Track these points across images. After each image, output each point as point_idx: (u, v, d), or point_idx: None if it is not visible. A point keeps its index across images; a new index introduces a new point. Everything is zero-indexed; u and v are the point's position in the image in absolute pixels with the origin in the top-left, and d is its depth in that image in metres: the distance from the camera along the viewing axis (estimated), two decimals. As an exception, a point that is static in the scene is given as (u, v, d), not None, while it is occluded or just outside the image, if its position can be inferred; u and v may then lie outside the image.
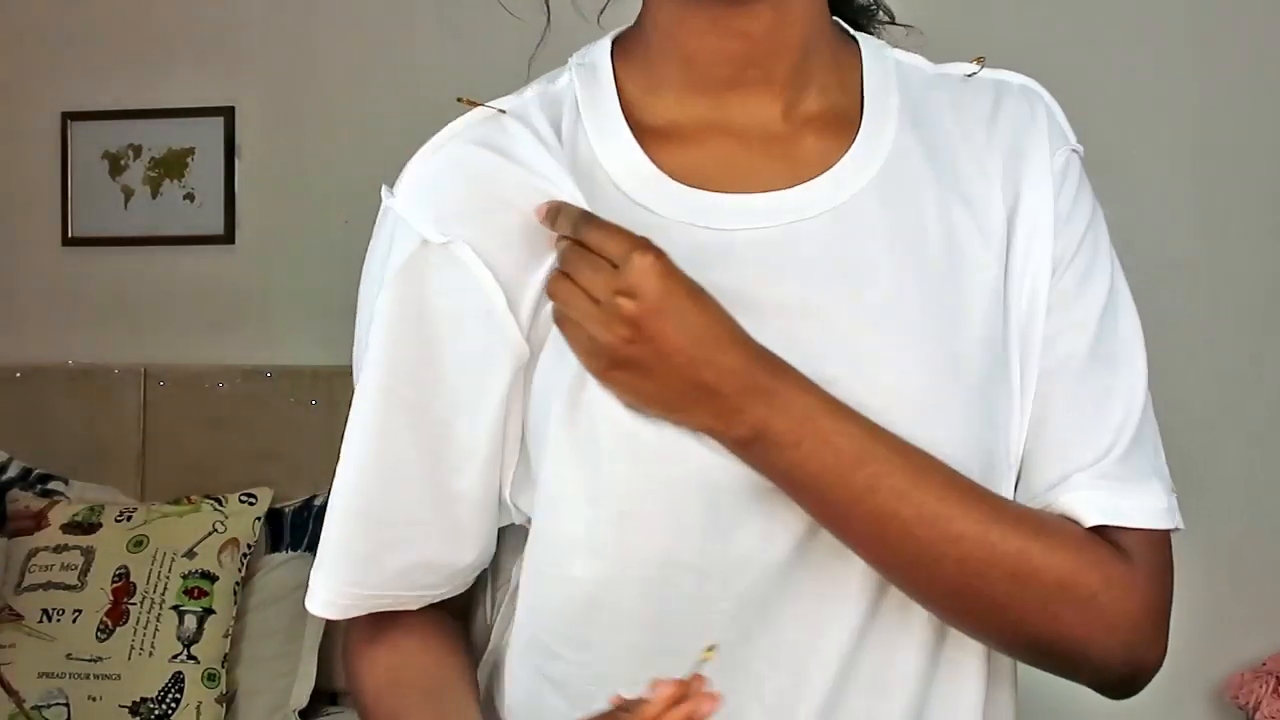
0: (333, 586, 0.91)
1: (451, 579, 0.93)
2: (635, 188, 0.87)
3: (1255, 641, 2.52)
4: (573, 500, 0.85)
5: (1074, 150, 0.91)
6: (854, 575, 0.84)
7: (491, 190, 0.86)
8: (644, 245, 0.79)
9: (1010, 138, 0.90)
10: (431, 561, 0.91)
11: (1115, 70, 2.56)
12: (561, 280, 0.82)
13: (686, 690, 0.72)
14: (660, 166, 0.88)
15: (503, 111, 0.89)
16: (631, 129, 0.89)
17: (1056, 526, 0.85)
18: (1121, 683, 0.87)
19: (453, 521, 0.89)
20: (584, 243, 0.81)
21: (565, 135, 0.89)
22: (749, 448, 0.81)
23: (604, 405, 0.82)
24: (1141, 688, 0.88)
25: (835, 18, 0.95)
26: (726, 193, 0.87)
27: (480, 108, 0.89)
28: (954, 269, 0.87)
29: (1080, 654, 0.84)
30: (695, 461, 0.82)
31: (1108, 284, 0.89)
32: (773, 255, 0.85)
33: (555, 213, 0.83)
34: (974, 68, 0.94)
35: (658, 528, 0.83)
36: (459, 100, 0.89)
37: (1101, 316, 0.88)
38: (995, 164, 0.89)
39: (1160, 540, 0.87)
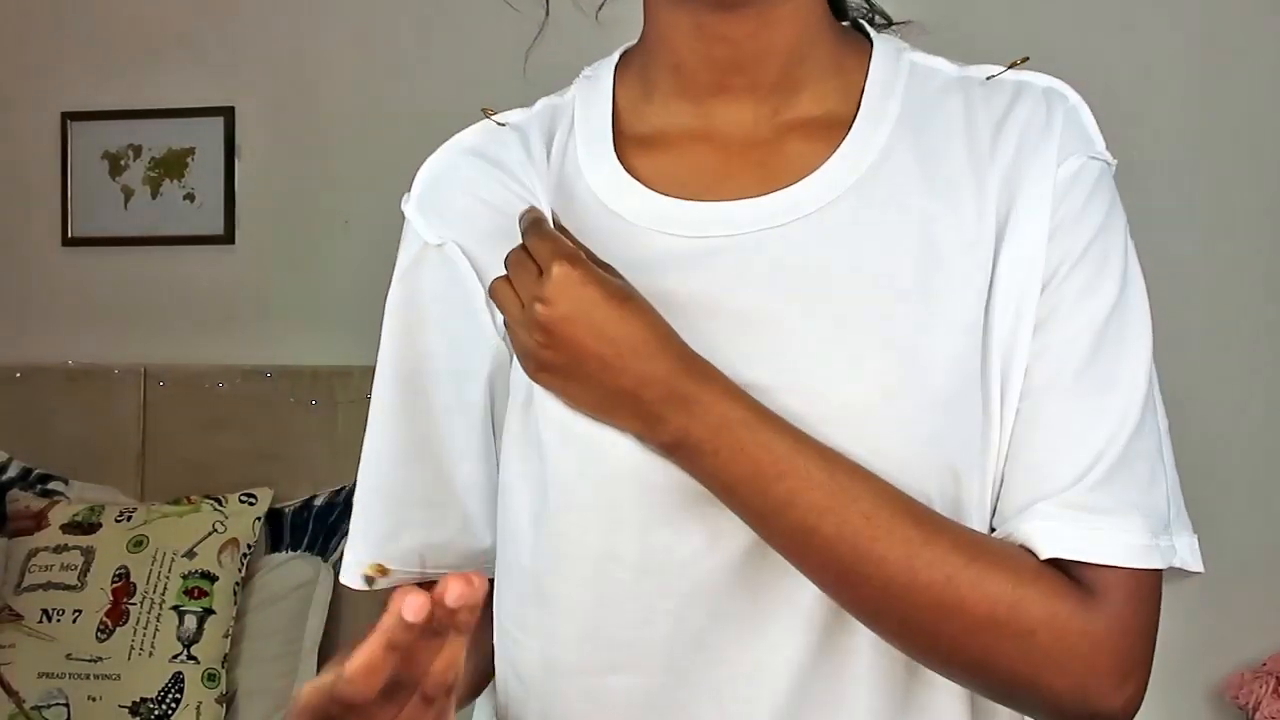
0: (358, 560, 0.96)
1: (472, 561, 0.95)
2: (611, 196, 0.89)
3: (1255, 641, 2.52)
4: (521, 492, 0.88)
5: (1093, 158, 0.86)
6: (807, 586, 0.82)
7: (478, 194, 0.92)
8: (566, 254, 0.80)
9: (1016, 143, 0.86)
10: (446, 543, 0.94)
11: (1114, 70, 2.56)
12: (500, 282, 0.85)
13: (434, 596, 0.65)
14: (638, 174, 0.89)
15: (502, 124, 0.95)
16: (619, 138, 0.91)
17: (1001, 556, 0.79)
18: None
19: (462, 507, 0.94)
20: (525, 247, 0.83)
21: (557, 146, 0.93)
22: (674, 453, 0.81)
23: (546, 402, 0.85)
24: None
25: (861, 20, 0.95)
26: (702, 200, 0.87)
27: (485, 120, 0.96)
28: (929, 282, 0.83)
29: (1024, 692, 0.79)
30: (631, 462, 0.82)
31: (1112, 301, 0.83)
32: (735, 262, 0.85)
33: (520, 216, 0.86)
34: (996, 69, 0.90)
35: (595, 522, 0.85)
36: (482, 110, 0.96)
37: (1100, 334, 0.82)
38: (995, 171, 0.85)
39: (1136, 579, 0.80)
